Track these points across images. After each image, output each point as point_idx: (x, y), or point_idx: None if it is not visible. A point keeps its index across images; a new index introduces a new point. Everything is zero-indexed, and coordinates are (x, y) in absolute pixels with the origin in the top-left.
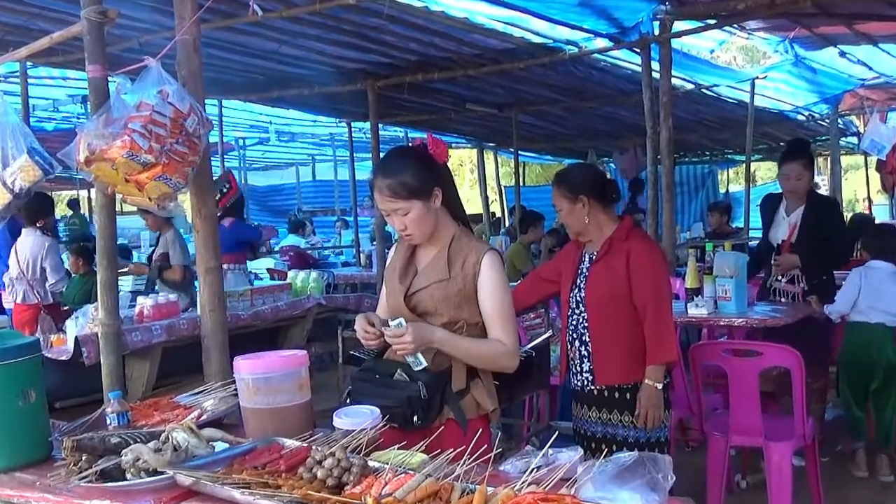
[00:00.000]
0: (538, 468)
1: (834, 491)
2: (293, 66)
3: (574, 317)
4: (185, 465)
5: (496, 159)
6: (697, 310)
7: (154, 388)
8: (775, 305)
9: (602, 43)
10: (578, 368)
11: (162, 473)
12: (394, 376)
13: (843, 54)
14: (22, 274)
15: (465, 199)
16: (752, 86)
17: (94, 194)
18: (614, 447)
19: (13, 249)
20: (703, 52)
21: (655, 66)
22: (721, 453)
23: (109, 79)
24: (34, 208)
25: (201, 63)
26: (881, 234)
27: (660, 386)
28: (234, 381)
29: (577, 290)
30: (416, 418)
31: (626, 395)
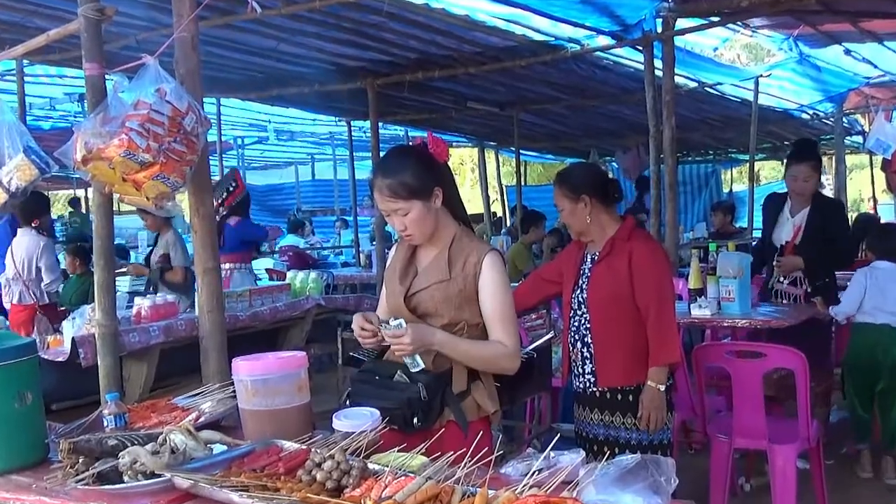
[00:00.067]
0: (539, 471)
1: (839, 494)
2: (292, 64)
3: (576, 318)
4: (182, 467)
5: (497, 158)
6: (701, 311)
7: (152, 390)
8: (779, 307)
9: (604, 41)
10: (580, 370)
11: (159, 476)
12: (394, 378)
13: (847, 52)
14: (18, 274)
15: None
16: (756, 84)
17: (90, 193)
18: (616, 450)
19: (9, 250)
20: (707, 50)
21: (658, 63)
22: (725, 456)
23: (107, 77)
24: (29, 208)
25: (199, 61)
26: (886, 234)
27: (662, 388)
28: (232, 383)
29: (578, 290)
30: (416, 420)
31: (629, 397)
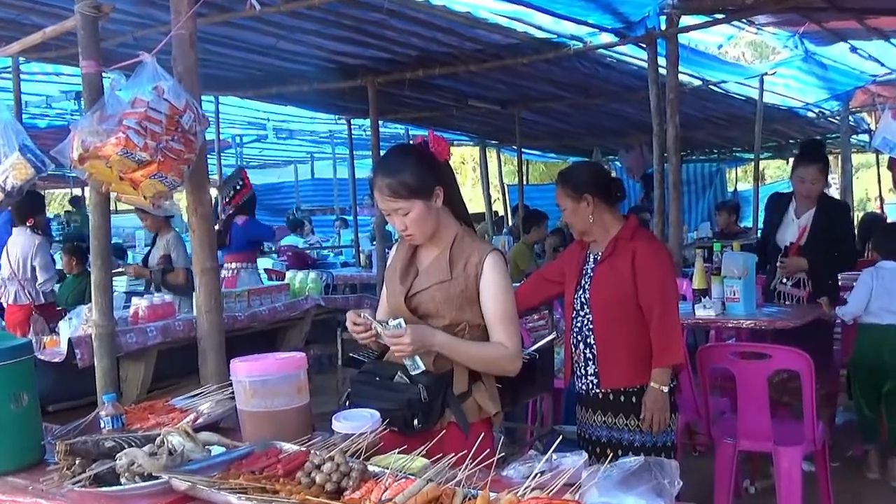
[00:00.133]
0: (542, 473)
1: (844, 496)
2: (292, 62)
3: (578, 318)
4: (180, 469)
5: (499, 157)
6: (705, 311)
7: (149, 391)
8: (783, 308)
9: (607, 38)
10: (583, 371)
11: (157, 478)
12: (394, 379)
13: (853, 50)
14: (13, 274)
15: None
16: (761, 82)
17: (86, 192)
18: (620, 452)
19: (4, 249)
20: (711, 48)
21: (662, 61)
22: (729, 458)
23: (104, 75)
24: (24, 207)
25: (197, 58)
26: (892, 233)
27: (666, 389)
28: (230, 384)
29: (581, 291)
30: (416, 422)
31: (632, 398)
